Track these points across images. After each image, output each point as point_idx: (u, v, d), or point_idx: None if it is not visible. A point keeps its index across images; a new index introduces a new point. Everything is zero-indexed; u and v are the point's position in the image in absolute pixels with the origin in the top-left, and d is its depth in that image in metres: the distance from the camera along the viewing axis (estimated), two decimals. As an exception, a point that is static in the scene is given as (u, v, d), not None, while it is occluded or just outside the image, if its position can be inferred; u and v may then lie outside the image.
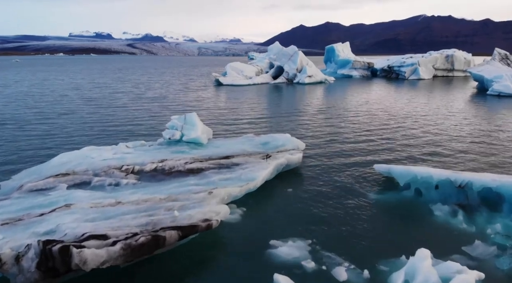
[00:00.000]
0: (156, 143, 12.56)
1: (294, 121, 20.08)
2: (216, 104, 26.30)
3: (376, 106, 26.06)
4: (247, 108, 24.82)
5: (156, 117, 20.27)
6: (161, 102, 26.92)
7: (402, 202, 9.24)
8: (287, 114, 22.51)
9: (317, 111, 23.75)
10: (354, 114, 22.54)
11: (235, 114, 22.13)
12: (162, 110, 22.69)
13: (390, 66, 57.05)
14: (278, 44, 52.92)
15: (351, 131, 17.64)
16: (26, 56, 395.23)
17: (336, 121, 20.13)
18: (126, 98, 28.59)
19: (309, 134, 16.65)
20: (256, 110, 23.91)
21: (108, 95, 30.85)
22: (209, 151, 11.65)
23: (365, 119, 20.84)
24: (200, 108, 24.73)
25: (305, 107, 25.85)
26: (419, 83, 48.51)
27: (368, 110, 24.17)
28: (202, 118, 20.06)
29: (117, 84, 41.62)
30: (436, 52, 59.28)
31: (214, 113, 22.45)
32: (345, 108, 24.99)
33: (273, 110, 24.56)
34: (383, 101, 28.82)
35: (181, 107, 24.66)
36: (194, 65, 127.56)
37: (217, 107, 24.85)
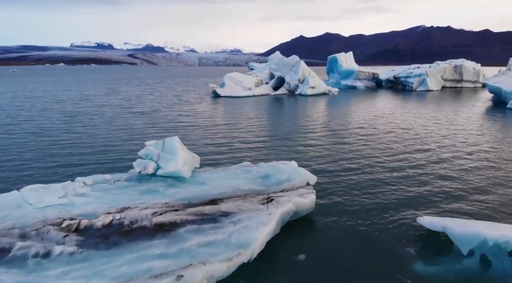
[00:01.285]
0: (124, 178, 9.69)
1: (298, 141, 17.23)
2: (211, 120, 23.52)
3: (392, 122, 23.26)
4: (245, 124, 22.02)
5: (139, 138, 17.34)
6: (150, 117, 24.13)
7: (463, 277, 6.33)
8: (290, 132, 19.68)
9: (324, 128, 20.93)
10: (368, 132, 19.71)
11: (231, 132, 19.31)
12: (147, 129, 19.84)
13: (396, 77, 54.56)
14: (279, 54, 50.55)
15: (369, 155, 14.78)
16: (27, 66, 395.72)
17: (349, 141, 17.29)
18: (110, 113, 25.81)
19: (318, 160, 13.77)
20: (255, 127, 21.10)
21: (91, 109, 28.08)
22: (190, 191, 8.79)
23: (383, 139, 18.00)
24: (191, 124, 21.94)
25: (311, 123, 23.06)
26: (427, 95, 45.88)
27: (384, 127, 21.35)
28: (192, 138, 17.29)
29: (106, 97, 38.95)
30: (444, 62, 56.86)
31: (207, 131, 19.62)
32: (356, 124, 22.19)
33: (274, 126, 21.75)
34: (397, 116, 26.05)
35: (171, 124, 21.86)
36: (193, 75, 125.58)
37: (211, 124, 22.04)
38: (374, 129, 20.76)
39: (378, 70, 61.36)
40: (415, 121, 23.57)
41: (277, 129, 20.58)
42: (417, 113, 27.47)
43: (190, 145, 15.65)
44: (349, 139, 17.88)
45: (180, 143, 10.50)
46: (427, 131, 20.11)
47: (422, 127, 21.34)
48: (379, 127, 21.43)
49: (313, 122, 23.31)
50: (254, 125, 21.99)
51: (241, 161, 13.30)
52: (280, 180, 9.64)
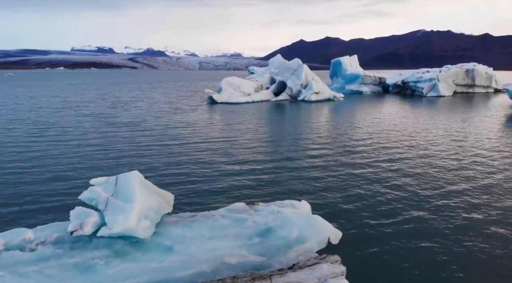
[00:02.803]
0: (53, 238, 6.43)
1: (306, 164, 13.95)
2: (201, 134, 20.25)
3: (413, 136, 19.99)
4: (241, 139, 18.75)
5: (104, 163, 13.85)
6: (132, 130, 20.84)
7: None
8: (296, 150, 16.42)
9: (335, 144, 17.66)
10: (389, 151, 16.43)
11: (223, 151, 16.05)
12: (120, 148, 16.19)
13: (404, 82, 51.42)
14: (280, 57, 47.46)
15: (399, 184, 11.51)
16: (27, 70, 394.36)
17: (369, 164, 14.00)
18: (88, 125, 22.55)
19: (338, 196, 10.38)
20: (253, 143, 17.84)
21: (69, 119, 24.81)
22: (145, 268, 5.53)
23: (408, 159, 14.74)
24: (176, 140, 18.68)
25: (318, 136, 19.80)
26: (439, 101, 42.70)
27: (405, 143, 18.08)
28: (171, 161, 13.73)
29: (93, 104, 35.75)
30: (455, 66, 53.77)
31: (193, 149, 16.31)
32: (373, 139, 18.93)
33: (276, 141, 18.48)
34: (417, 128, 22.79)
35: (150, 139, 18.58)
36: (192, 79, 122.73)
37: (200, 139, 18.75)
38: (394, 144, 17.49)
39: (384, 74, 58.24)
40: (439, 134, 20.30)
41: (280, 146, 17.31)
42: (437, 124, 24.20)
43: (167, 172, 12.36)
44: (369, 160, 14.60)
45: (141, 180, 7.25)
46: (458, 147, 16.84)
47: (452, 142, 18.07)
48: (400, 142, 18.16)
49: (321, 135, 20.04)
50: (252, 139, 18.73)
51: (232, 196, 10.06)
52: (288, 240, 6.40)
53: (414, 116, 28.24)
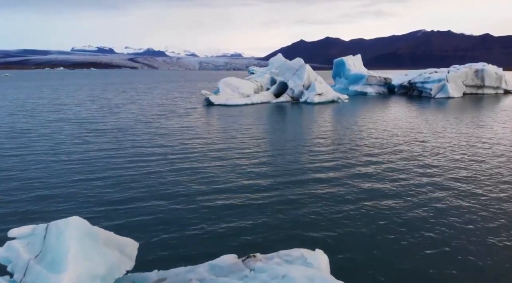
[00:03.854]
0: None
1: (316, 184, 11.67)
2: (191, 143, 17.96)
3: (431, 144, 17.71)
4: (236, 151, 16.45)
5: (63, 188, 11.01)
6: (114, 139, 18.53)
7: None
8: (302, 164, 14.14)
9: (349, 156, 15.38)
10: (408, 163, 14.16)
11: (213, 168, 13.77)
12: (92, 163, 13.93)
13: (411, 82, 49.11)
14: (281, 57, 45.18)
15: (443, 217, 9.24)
16: (27, 70, 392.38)
17: (396, 182, 11.75)
18: (66, 131, 20.23)
19: (362, 237, 8.11)
20: (250, 156, 15.55)
21: (46, 125, 22.41)
22: None
23: (431, 173, 12.48)
24: (160, 154, 16.39)
25: (327, 146, 17.51)
26: (449, 102, 40.42)
27: (425, 153, 15.81)
28: (152, 182, 11.33)
29: (79, 107, 33.45)
30: (463, 66, 51.46)
31: (179, 166, 13.95)
32: (392, 146, 16.66)
33: (278, 154, 16.18)
34: (432, 133, 20.50)
35: (131, 152, 16.29)
36: (191, 79, 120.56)
37: (190, 150, 16.43)
38: (415, 156, 15.20)
39: (388, 74, 55.91)
40: (456, 140, 18.01)
41: (282, 160, 15.00)
42: (453, 128, 21.89)
43: (136, 202, 9.80)
44: (389, 175, 12.32)
45: (84, 231, 4.97)
46: (477, 155, 14.54)
47: (471, 149, 15.79)
48: (419, 153, 15.87)
49: (328, 144, 17.74)
50: (250, 151, 16.43)
51: (220, 238, 7.70)
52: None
53: (427, 120, 25.93)
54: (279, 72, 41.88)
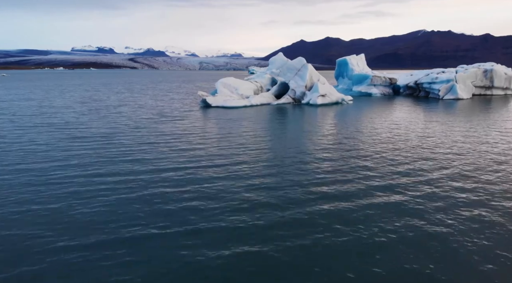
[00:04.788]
0: None
1: (324, 209, 9.70)
2: (186, 150, 15.98)
3: (452, 150, 15.72)
4: (233, 160, 14.49)
5: None
6: (92, 148, 16.51)
7: None
8: (306, 174, 12.17)
9: (359, 165, 13.39)
10: (430, 174, 12.18)
11: (209, 176, 11.82)
12: (58, 181, 12.09)
13: (418, 83, 47.11)
14: (282, 56, 43.16)
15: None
16: (26, 70, 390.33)
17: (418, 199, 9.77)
18: (45, 138, 18.20)
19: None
20: (248, 164, 13.59)
21: (25, 129, 20.47)
22: None
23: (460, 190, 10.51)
24: (141, 171, 14.44)
25: (333, 152, 15.53)
26: (458, 104, 38.43)
27: (448, 160, 13.82)
28: (138, 198, 9.36)
29: (67, 109, 31.39)
30: (471, 66, 49.47)
31: (169, 175, 12.07)
32: (403, 153, 14.67)
33: (279, 162, 14.20)
34: (447, 138, 18.51)
35: (121, 161, 14.34)
36: (190, 79, 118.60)
37: (180, 162, 14.48)
38: (429, 164, 13.21)
39: (393, 74, 53.89)
40: (472, 146, 16.01)
41: (284, 172, 13.03)
42: (469, 133, 19.88)
43: (105, 235, 8.04)
44: (407, 190, 10.35)
45: None
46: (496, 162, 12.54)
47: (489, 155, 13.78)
48: (436, 161, 13.88)
49: (335, 151, 15.74)
50: (249, 160, 14.45)
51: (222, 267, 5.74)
52: None
53: (440, 124, 23.92)
54: (280, 72, 39.90)
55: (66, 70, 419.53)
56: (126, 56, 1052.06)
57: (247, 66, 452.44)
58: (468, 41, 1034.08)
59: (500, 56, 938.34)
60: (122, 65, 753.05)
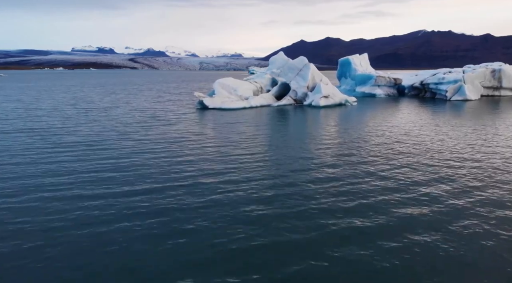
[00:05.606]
0: None
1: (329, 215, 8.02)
2: (175, 163, 14.29)
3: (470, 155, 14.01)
4: (231, 167, 12.81)
5: None
6: (79, 156, 14.90)
7: None
8: (310, 183, 10.47)
9: (367, 173, 11.70)
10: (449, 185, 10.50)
11: (204, 186, 10.13)
12: (49, 191, 10.50)
13: (424, 83, 45.41)
14: (283, 55, 41.49)
15: None
16: (26, 70, 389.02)
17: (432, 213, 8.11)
18: (24, 145, 16.51)
19: None
20: (248, 173, 11.91)
21: (4, 134, 18.88)
22: None
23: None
24: (140, 171, 12.77)
25: (338, 158, 13.82)
26: (467, 105, 36.74)
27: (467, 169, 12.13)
28: (124, 211, 7.72)
29: (55, 112, 29.63)
30: (479, 66, 47.78)
31: (160, 187, 10.42)
32: (415, 158, 12.97)
33: (281, 170, 12.51)
34: (461, 142, 16.80)
35: (106, 173, 12.67)
36: (189, 80, 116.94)
37: (177, 167, 12.86)
38: (444, 172, 11.52)
39: (397, 75, 52.17)
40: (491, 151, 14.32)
41: (287, 180, 11.33)
42: (483, 137, 18.17)
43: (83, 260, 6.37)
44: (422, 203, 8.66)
45: None
46: None
47: None
48: (452, 170, 12.18)
49: (340, 158, 14.02)
50: (248, 168, 12.75)
51: None
52: None
53: (449, 127, 22.21)
54: (281, 72, 38.22)
55: (65, 70, 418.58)
56: (126, 56, 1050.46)
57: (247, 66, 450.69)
58: (468, 41, 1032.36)
59: (500, 56, 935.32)
60: (122, 65, 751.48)
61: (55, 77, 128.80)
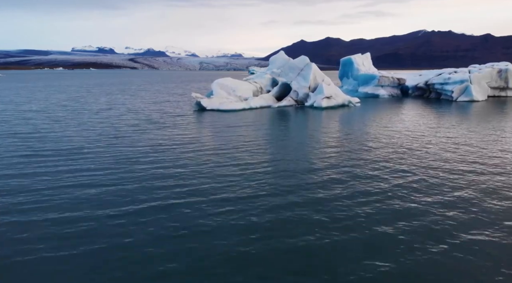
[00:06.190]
0: None
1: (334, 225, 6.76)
2: (168, 172, 13.04)
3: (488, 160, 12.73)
4: (229, 172, 11.54)
5: None
6: (56, 167, 13.65)
7: None
8: (314, 192, 9.20)
9: (373, 180, 10.43)
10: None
11: (201, 196, 8.87)
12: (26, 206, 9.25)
13: (428, 84, 44.13)
14: (284, 55, 40.22)
15: None
16: (26, 70, 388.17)
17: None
18: (3, 152, 15.35)
19: None
20: (247, 179, 10.63)
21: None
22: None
23: None
24: (129, 181, 11.52)
25: (342, 163, 12.54)
26: (473, 106, 35.49)
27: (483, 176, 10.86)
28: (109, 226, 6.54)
29: (44, 114, 28.37)
30: (485, 66, 46.49)
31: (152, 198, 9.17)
32: (426, 163, 11.71)
33: (282, 176, 11.22)
34: (477, 148, 15.52)
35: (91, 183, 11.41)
36: (189, 80, 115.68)
37: (170, 175, 11.62)
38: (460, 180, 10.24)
39: (405, 75, 50.80)
40: None
41: (289, 188, 10.05)
42: (497, 142, 16.90)
43: None
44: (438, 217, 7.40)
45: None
46: None
47: None
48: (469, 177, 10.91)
49: (344, 163, 12.74)
50: (247, 174, 11.47)
51: None
52: None
53: (458, 129, 20.92)
54: (282, 72, 36.95)
55: (65, 70, 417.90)
56: (126, 56, 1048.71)
57: (247, 66, 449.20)
58: (468, 41, 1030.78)
59: (500, 56, 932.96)
60: (122, 65, 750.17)
61: (54, 78, 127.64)
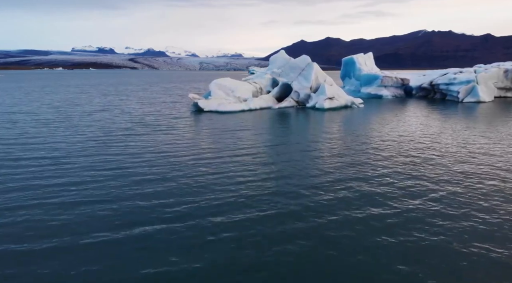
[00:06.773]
0: None
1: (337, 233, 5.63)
2: (162, 180, 11.87)
3: None
4: (227, 177, 10.35)
5: None
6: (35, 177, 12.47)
7: None
8: (316, 197, 8.03)
9: (380, 187, 9.26)
10: None
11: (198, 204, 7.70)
12: None
13: (433, 84, 42.94)
14: (284, 54, 39.03)
15: None
16: (26, 70, 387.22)
17: None
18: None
19: None
20: (246, 185, 9.44)
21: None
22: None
23: None
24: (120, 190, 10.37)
25: (346, 167, 11.35)
26: (480, 107, 34.30)
27: None
28: None
29: (33, 116, 27.25)
30: (490, 65, 45.32)
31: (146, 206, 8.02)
32: (437, 167, 10.54)
33: (283, 181, 10.03)
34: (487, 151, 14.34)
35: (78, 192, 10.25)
36: (189, 80, 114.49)
37: (165, 181, 10.44)
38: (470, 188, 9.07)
39: (409, 75, 49.59)
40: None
41: (290, 194, 8.86)
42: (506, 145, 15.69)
43: None
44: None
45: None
46: None
47: None
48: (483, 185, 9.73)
49: (348, 167, 11.55)
50: (247, 180, 10.28)
51: None
52: None
53: (466, 132, 19.72)
54: (282, 72, 35.77)
55: (65, 70, 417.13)
56: (126, 56, 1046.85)
57: (247, 66, 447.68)
58: (468, 41, 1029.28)
59: (501, 56, 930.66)
60: (122, 66, 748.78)
61: (53, 78, 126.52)
